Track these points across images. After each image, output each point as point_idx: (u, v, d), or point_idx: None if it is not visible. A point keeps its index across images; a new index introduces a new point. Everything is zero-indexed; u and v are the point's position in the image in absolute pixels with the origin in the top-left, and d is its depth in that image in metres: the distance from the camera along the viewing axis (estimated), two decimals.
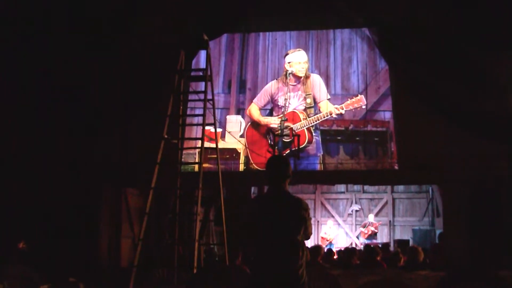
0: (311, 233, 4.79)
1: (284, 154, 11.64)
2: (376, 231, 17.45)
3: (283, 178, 4.75)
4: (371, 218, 17.86)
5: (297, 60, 12.44)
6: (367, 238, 17.33)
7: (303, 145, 11.82)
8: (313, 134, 12.19)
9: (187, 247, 9.73)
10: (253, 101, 12.79)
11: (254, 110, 12.68)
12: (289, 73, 12.23)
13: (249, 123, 12.69)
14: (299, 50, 12.61)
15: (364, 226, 17.74)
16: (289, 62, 12.47)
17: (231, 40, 13.51)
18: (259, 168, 12.19)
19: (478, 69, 10.20)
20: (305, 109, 12.31)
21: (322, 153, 12.27)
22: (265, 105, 12.73)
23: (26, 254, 9.49)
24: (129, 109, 11.67)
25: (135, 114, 11.76)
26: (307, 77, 12.45)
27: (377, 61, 12.68)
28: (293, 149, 11.49)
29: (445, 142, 10.89)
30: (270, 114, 12.66)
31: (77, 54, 10.80)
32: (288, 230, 4.56)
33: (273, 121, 12.25)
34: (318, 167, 12.30)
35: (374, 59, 12.70)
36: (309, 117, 12.12)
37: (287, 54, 12.64)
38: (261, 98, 12.74)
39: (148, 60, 11.36)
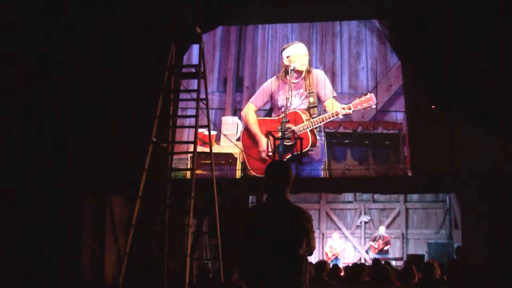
0: (315, 247, 4.74)
1: (285, 159, 11.57)
2: (388, 245, 17.39)
3: (283, 185, 4.70)
4: (382, 230, 17.80)
5: (297, 52, 12.44)
6: (378, 253, 17.28)
7: (306, 149, 11.79)
8: (317, 137, 12.15)
9: (178, 262, 9.69)
10: (250, 100, 12.74)
11: (250, 112, 12.62)
12: (291, 70, 12.18)
13: (245, 126, 12.63)
14: (297, 43, 12.63)
15: (374, 240, 17.69)
16: (287, 57, 12.46)
17: (227, 33, 13.47)
18: (257, 175, 12.15)
19: (500, 64, 10.16)
20: (307, 109, 12.27)
21: (325, 158, 12.22)
22: (263, 106, 12.67)
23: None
24: (114, 110, 11.62)
25: (120, 115, 11.71)
26: (308, 72, 12.42)
27: (388, 56, 12.65)
28: (295, 153, 11.42)
29: (464, 146, 10.85)
30: (269, 114, 12.62)
31: (55, 49, 10.74)
32: (289, 243, 4.51)
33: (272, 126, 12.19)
34: (322, 173, 12.25)
35: (385, 54, 12.67)
36: (312, 118, 12.08)
37: (283, 49, 12.64)
38: (259, 97, 12.70)
39: (135, 55, 11.31)
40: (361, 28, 12.92)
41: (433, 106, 11.58)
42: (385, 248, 17.35)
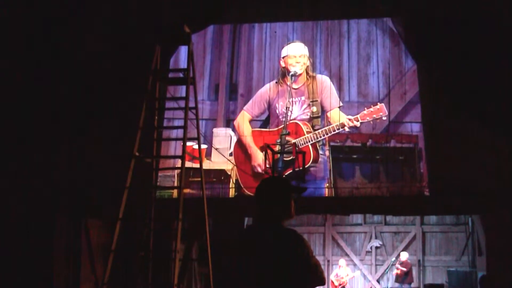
0: (323, 275, 4.66)
1: (285, 176, 11.50)
2: (404, 270, 17.39)
3: (273, 204, 4.66)
4: (404, 256, 17.73)
5: (292, 53, 12.37)
6: (397, 280, 17.34)
7: (307, 165, 11.70)
8: (319, 151, 12.11)
9: None
10: (244, 108, 12.65)
11: (245, 122, 12.56)
12: (292, 75, 12.15)
13: (238, 138, 12.60)
14: (295, 42, 12.57)
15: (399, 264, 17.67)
16: (283, 57, 12.42)
17: (219, 33, 13.46)
18: (251, 194, 12.13)
19: None
20: (309, 120, 12.24)
21: (328, 176, 12.20)
22: (259, 115, 12.61)
23: None
24: (91, 119, 11.63)
25: (98, 126, 11.71)
26: (312, 77, 12.38)
27: (402, 60, 12.66)
28: (297, 169, 11.41)
29: (489, 161, 10.85)
30: (265, 125, 12.57)
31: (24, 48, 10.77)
32: (278, 273, 4.46)
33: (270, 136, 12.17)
34: (325, 192, 12.23)
35: (399, 57, 12.68)
36: (314, 130, 12.06)
37: (283, 47, 12.62)
38: (255, 105, 12.61)
39: (115, 59, 11.33)
40: (371, 28, 12.93)
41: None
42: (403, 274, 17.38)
